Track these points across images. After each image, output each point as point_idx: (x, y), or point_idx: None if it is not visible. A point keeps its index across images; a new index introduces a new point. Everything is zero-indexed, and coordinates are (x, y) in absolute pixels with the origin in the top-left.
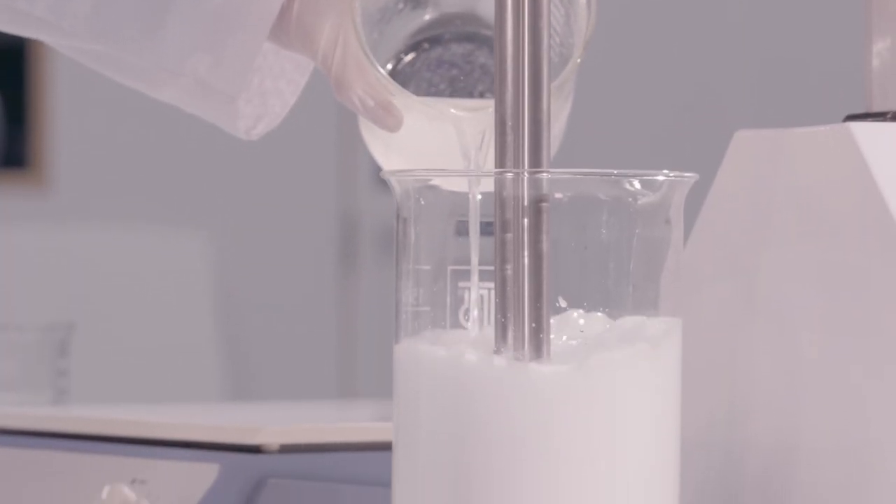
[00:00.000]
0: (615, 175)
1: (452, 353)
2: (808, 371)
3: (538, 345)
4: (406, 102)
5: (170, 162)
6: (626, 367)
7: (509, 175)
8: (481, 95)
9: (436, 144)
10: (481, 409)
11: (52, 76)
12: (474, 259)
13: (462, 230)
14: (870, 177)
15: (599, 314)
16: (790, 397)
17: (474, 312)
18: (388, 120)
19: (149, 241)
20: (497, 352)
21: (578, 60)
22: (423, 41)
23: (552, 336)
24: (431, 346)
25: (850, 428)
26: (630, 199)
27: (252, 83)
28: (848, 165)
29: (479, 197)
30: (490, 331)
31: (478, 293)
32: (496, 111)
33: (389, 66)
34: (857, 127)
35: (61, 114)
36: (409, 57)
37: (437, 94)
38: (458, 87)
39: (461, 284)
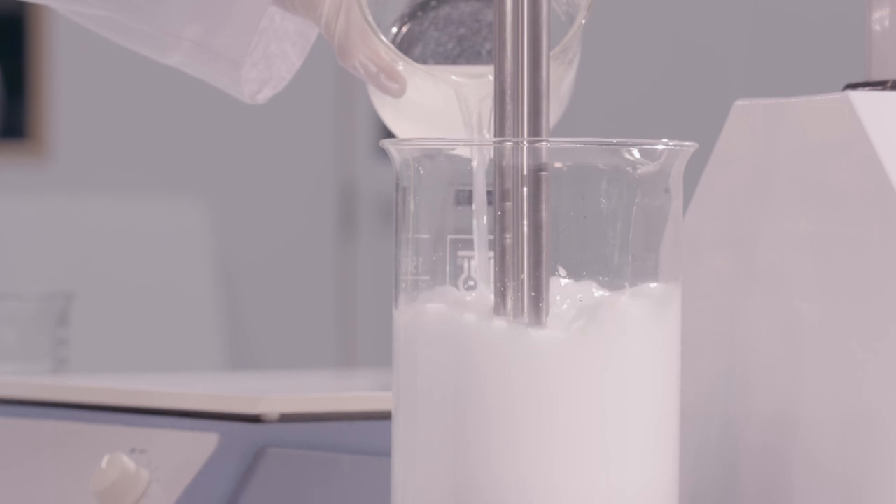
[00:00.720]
0: (615, 144)
1: (452, 313)
2: (808, 340)
3: (537, 312)
4: (409, 68)
5: (169, 132)
6: (624, 333)
7: (508, 144)
8: (489, 55)
9: (443, 109)
10: (480, 370)
11: (51, 47)
12: (477, 224)
13: (462, 199)
14: (869, 146)
15: (596, 289)
16: (789, 366)
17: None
18: (392, 86)
19: (148, 210)
20: (497, 314)
21: (583, 21)
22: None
23: (552, 304)
24: (431, 305)
25: (850, 397)
26: (629, 169)
27: (257, 47)
28: (847, 134)
29: (475, 164)
30: (489, 294)
31: (482, 258)
32: (496, 80)
33: (394, 30)
34: (856, 96)
35: (60, 84)
36: (417, 16)
37: (445, 53)
38: (466, 46)
39: (460, 253)
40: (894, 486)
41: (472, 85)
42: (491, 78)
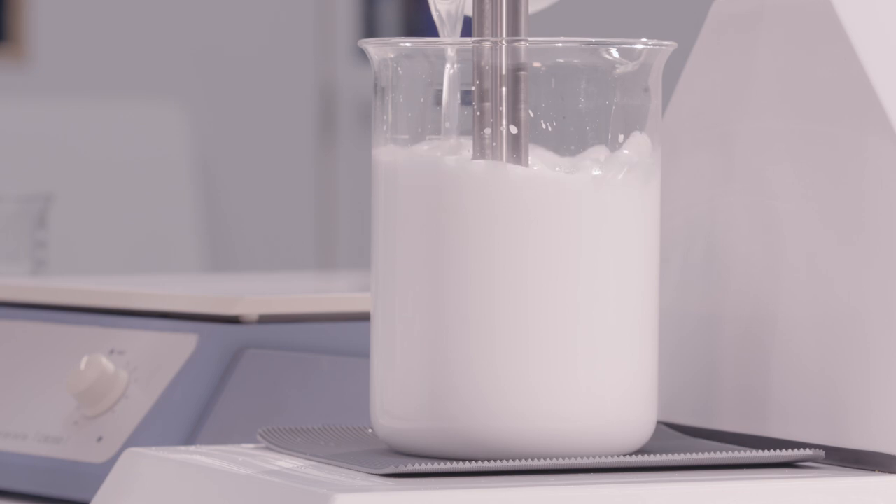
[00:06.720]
0: (594, 44)
1: (431, 155)
2: (786, 238)
3: (517, 153)
4: None
5: (149, 35)
6: (605, 183)
7: (487, 44)
8: None
9: None
10: (459, 209)
11: None
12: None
13: (441, 99)
14: (848, 45)
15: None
16: (767, 264)
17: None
18: None
19: (128, 113)
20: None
21: None
22: None
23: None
24: (411, 150)
25: (827, 294)
26: (608, 68)
27: None
28: (826, 33)
29: (454, 68)
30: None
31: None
32: None
33: None
34: None
35: None
36: None
37: None
38: None
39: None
40: (870, 382)
41: None
42: None
